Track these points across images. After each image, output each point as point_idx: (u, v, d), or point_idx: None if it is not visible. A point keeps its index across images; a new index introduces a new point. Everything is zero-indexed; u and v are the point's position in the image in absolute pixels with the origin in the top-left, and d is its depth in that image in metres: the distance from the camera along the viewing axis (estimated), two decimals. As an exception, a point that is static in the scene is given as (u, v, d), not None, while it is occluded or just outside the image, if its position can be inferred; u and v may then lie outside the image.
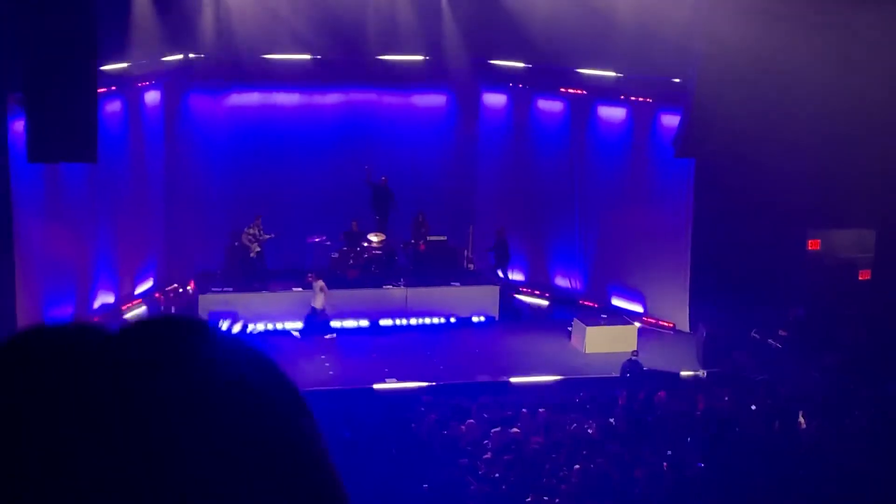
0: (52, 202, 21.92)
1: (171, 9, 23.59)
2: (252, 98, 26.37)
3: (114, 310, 23.93)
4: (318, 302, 23.58)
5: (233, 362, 1.19)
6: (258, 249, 25.02)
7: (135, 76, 23.80)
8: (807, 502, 16.19)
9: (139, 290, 24.94)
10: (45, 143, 18.65)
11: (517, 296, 26.57)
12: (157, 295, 25.26)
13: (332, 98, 26.80)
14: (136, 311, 24.43)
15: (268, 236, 25.02)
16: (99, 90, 19.38)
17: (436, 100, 27.68)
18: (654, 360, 22.09)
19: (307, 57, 25.64)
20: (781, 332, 22.65)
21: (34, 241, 21.29)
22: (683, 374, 21.88)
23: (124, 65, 22.91)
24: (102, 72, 20.00)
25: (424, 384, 21.27)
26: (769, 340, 22.58)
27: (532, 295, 26.92)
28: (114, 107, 23.17)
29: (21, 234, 20.77)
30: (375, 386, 21.23)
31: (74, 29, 18.04)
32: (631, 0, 23.57)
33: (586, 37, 24.19)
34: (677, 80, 23.31)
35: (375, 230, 25.81)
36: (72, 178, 22.01)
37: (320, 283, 23.64)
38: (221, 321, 23.04)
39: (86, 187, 22.62)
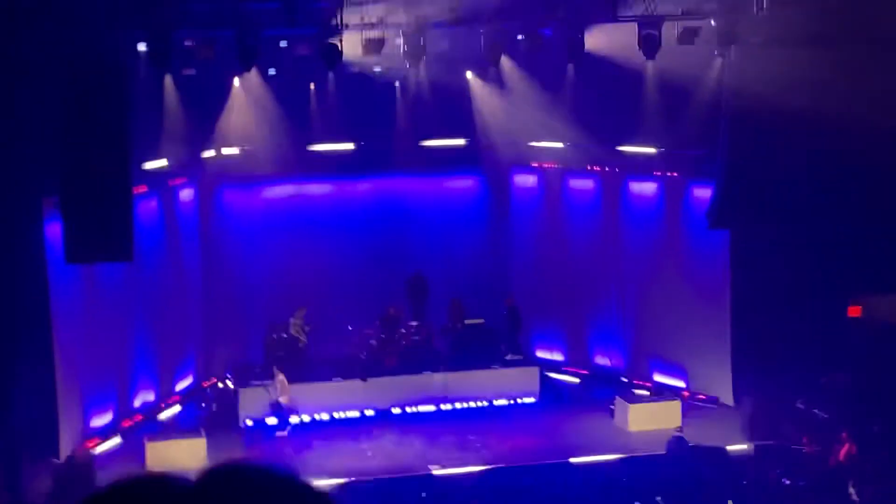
0: (90, 302, 22.20)
1: (201, 106, 24.04)
2: (285, 190, 26.73)
3: (154, 407, 24.09)
4: (283, 397, 23.59)
5: None
6: (304, 340, 25.21)
7: (168, 174, 24.23)
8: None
9: (179, 386, 25.10)
10: (82, 243, 18.94)
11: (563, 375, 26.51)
12: (202, 385, 25.38)
13: (364, 186, 27.12)
14: (172, 411, 24.57)
15: (307, 328, 25.22)
16: (134, 190, 19.74)
17: (466, 183, 27.97)
18: (699, 435, 21.95)
19: (337, 147, 26.01)
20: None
21: (73, 340, 21.53)
22: (730, 448, 21.70)
23: (158, 164, 23.35)
24: (137, 171, 20.38)
25: (470, 469, 21.20)
26: (815, 410, 22.40)
27: (572, 373, 26.87)
28: (149, 205, 23.54)
29: (60, 334, 21.03)
30: (416, 473, 21.17)
31: (109, 131, 18.42)
32: (656, 74, 23.81)
33: (615, 114, 24.45)
34: (706, 153, 23.42)
35: (412, 317, 25.99)
36: (109, 278, 22.29)
37: (281, 376, 23.65)
38: (273, 417, 23.23)
39: (123, 286, 22.89)
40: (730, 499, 18.84)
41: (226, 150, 25.40)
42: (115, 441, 22.55)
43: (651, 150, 24.83)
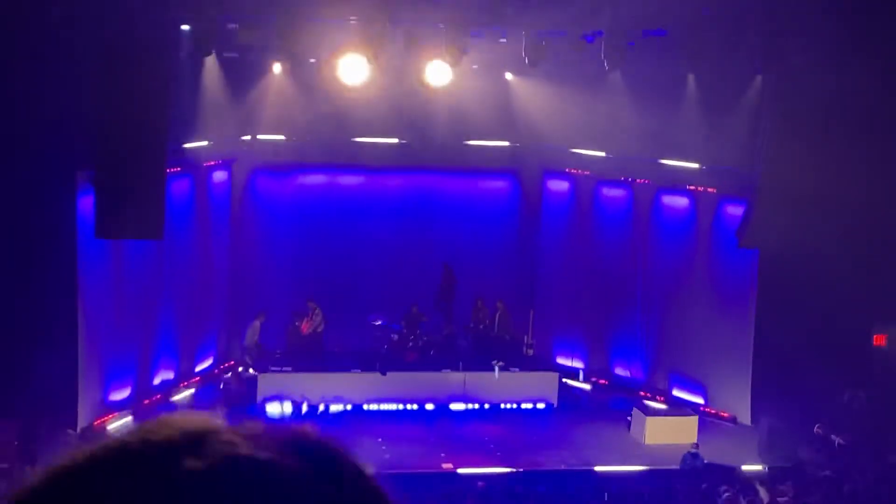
0: (117, 278, 22.30)
1: (241, 92, 24.10)
2: (317, 179, 26.78)
3: (173, 387, 24.20)
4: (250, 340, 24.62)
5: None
6: (317, 330, 25.26)
7: (203, 156, 24.30)
8: None
9: (199, 367, 25.19)
10: (112, 219, 19.05)
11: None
12: (222, 368, 25.51)
13: (397, 181, 27.13)
14: (189, 392, 24.68)
15: (317, 322, 25.28)
16: (168, 169, 19.81)
17: (498, 184, 27.94)
18: (714, 452, 21.85)
19: (378, 140, 26.01)
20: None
21: (99, 315, 21.64)
22: (744, 468, 21.58)
23: (193, 145, 23.42)
24: (172, 150, 20.44)
25: (483, 470, 21.18)
26: (832, 436, 22.26)
27: (591, 382, 26.81)
28: (182, 185, 23.61)
29: (86, 307, 21.13)
30: (429, 470, 21.18)
31: (147, 108, 18.50)
32: (696, 92, 23.72)
33: (652, 127, 24.32)
34: (741, 171, 23.29)
35: (436, 309, 26.04)
36: (137, 255, 22.41)
37: (256, 322, 25.00)
38: (281, 403, 23.30)
39: (151, 264, 23.00)
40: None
41: (262, 136, 25.45)
42: (130, 418, 22.62)
43: (687, 165, 24.70)
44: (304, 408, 23.53)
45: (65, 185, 20.12)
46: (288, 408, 23.48)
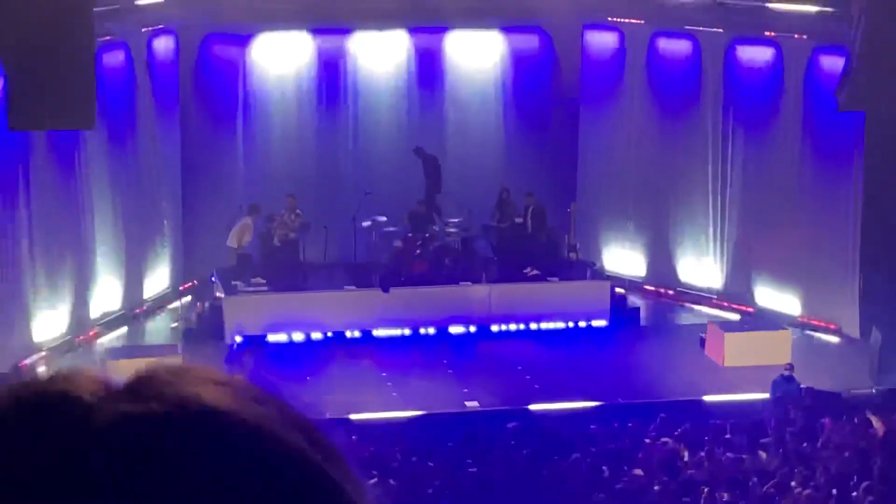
0: (38, 179, 22.30)
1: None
2: (292, 41, 26.67)
3: (118, 317, 24.42)
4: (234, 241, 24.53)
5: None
6: (289, 236, 25.14)
7: (141, 18, 24.24)
8: None
9: (150, 292, 25.36)
10: (30, 105, 19.01)
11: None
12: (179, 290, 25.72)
13: (394, 39, 26.98)
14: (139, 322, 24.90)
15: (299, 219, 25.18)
16: (97, 38, 19.76)
17: (526, 41, 27.82)
18: (814, 375, 22.02)
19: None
20: None
21: (16, 228, 21.76)
22: (853, 392, 21.79)
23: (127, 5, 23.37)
24: (100, 13, 20.36)
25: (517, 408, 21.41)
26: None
27: (653, 292, 26.97)
28: (114, 59, 23.55)
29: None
30: (448, 411, 21.42)
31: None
32: None
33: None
34: (837, 11, 23.18)
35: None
36: (63, 150, 22.45)
37: (248, 220, 24.78)
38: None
39: (80, 160, 23.07)
40: (849, 456, 18.97)
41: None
42: (68, 357, 22.87)
43: (771, 6, 24.58)
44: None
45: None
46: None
